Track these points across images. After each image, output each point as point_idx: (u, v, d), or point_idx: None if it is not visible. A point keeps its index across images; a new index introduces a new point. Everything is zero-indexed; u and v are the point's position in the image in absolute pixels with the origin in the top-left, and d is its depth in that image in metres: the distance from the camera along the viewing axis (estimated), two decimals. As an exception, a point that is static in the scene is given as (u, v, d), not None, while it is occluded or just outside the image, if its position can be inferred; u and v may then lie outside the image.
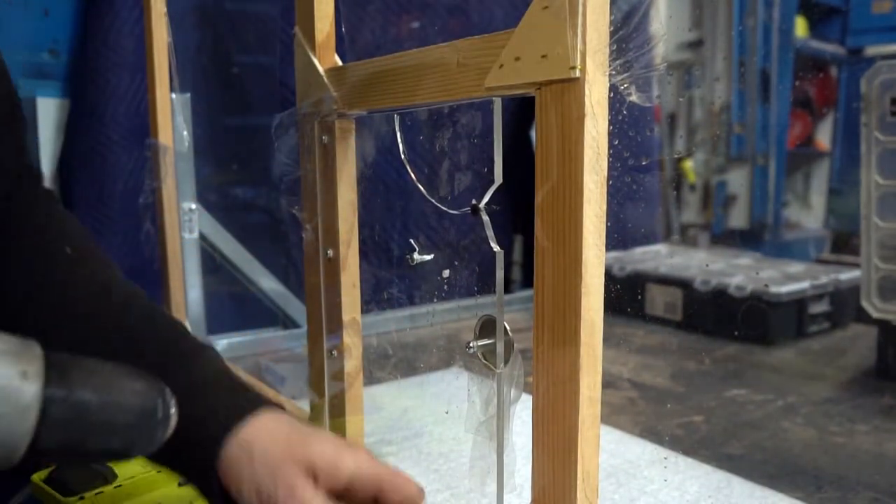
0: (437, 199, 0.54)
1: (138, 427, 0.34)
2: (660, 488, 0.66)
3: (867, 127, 0.99)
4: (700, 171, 2.71)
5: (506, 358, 0.46)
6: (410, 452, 0.74)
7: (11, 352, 0.30)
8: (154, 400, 0.34)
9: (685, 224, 2.64)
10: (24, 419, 0.29)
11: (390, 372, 0.97)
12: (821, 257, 2.13)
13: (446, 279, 0.54)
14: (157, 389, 0.35)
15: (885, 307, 1.00)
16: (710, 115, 2.64)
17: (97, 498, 0.58)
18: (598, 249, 0.38)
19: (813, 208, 3.15)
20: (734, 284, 1.28)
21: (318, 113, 0.59)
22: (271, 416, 0.46)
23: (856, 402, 0.94)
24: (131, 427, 0.33)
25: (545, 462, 0.41)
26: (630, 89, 0.40)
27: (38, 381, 0.30)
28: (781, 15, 2.72)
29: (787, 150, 2.88)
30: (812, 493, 0.68)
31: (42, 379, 0.30)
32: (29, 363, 0.30)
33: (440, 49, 0.46)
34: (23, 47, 1.30)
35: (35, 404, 0.29)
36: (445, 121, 0.56)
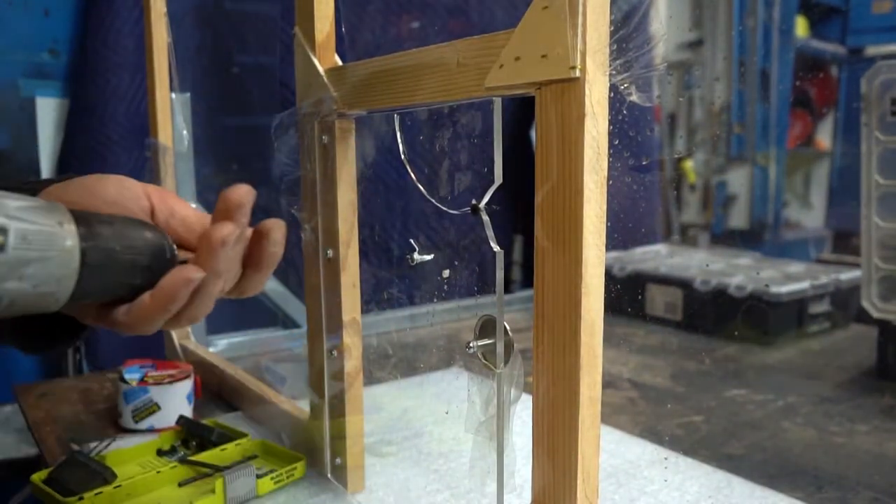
0: (437, 199, 0.54)
1: (152, 266, 0.38)
2: (660, 488, 0.66)
3: (867, 127, 0.99)
4: (700, 171, 2.71)
5: (506, 358, 0.46)
6: (410, 452, 0.74)
7: (44, 206, 0.33)
8: (162, 242, 0.39)
9: (685, 224, 2.64)
10: (70, 261, 0.33)
11: (390, 372, 0.97)
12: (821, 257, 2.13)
13: (446, 279, 0.54)
14: (162, 234, 0.39)
15: (885, 307, 1.00)
16: (710, 115, 2.64)
17: (97, 498, 0.58)
18: (598, 249, 0.38)
19: (813, 208, 3.15)
20: (734, 284, 1.28)
21: (318, 113, 0.59)
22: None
23: (856, 402, 0.94)
24: (147, 266, 0.38)
25: (545, 462, 0.41)
26: (630, 89, 0.40)
27: (74, 228, 0.33)
28: (781, 15, 2.72)
29: (787, 150, 2.88)
30: (812, 493, 0.68)
31: (76, 228, 0.34)
32: (62, 215, 0.33)
33: (440, 49, 0.46)
34: (23, 47, 1.30)
35: (76, 249, 0.33)
36: (445, 121, 0.56)
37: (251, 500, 0.63)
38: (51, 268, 0.32)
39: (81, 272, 0.34)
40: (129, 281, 0.37)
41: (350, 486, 0.64)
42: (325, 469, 0.66)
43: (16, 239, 0.31)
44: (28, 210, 0.32)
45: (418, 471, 0.69)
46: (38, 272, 0.32)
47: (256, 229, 0.43)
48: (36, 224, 0.32)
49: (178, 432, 0.73)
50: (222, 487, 0.60)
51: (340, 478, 0.65)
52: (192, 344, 1.00)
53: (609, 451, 0.74)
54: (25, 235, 0.31)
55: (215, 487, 0.60)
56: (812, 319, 1.28)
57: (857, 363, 1.13)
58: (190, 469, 0.64)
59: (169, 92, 0.96)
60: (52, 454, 0.74)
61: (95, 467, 0.62)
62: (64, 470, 0.61)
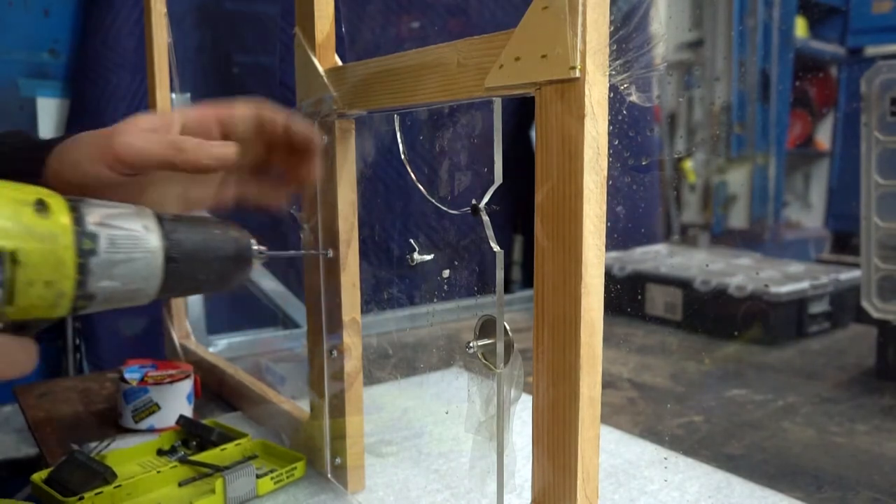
0: (437, 200, 0.54)
1: (237, 262, 0.42)
2: (660, 488, 0.66)
3: (867, 127, 0.99)
4: (700, 171, 2.71)
5: (506, 358, 0.46)
6: (410, 452, 0.74)
7: (131, 212, 0.37)
8: (247, 240, 0.43)
9: (685, 224, 2.64)
10: (155, 260, 0.37)
11: (390, 372, 0.97)
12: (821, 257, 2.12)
13: (446, 279, 0.54)
14: (245, 233, 0.44)
15: (885, 307, 1.00)
16: (710, 115, 2.64)
17: (97, 498, 0.58)
18: (598, 249, 0.38)
19: (813, 208, 3.15)
20: (734, 284, 1.27)
21: (318, 113, 0.59)
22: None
23: (856, 402, 0.94)
24: (231, 262, 0.42)
25: (545, 462, 0.41)
26: (630, 89, 0.40)
27: (158, 231, 0.38)
28: (781, 15, 2.72)
29: (787, 150, 2.88)
30: (812, 493, 0.68)
31: (159, 230, 0.38)
32: (147, 219, 0.38)
33: (440, 49, 0.46)
34: (23, 47, 1.30)
35: (160, 250, 0.37)
36: (445, 121, 0.57)
37: (251, 500, 0.63)
38: (138, 267, 0.36)
39: (166, 269, 0.38)
40: (214, 275, 0.41)
41: (350, 486, 0.64)
42: (325, 469, 0.66)
43: (105, 243, 0.35)
44: (116, 216, 0.36)
45: (418, 471, 0.69)
46: (126, 272, 0.36)
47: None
48: (123, 229, 0.36)
49: (178, 432, 0.73)
50: (222, 487, 0.60)
51: (340, 478, 0.65)
52: (192, 344, 1.00)
53: (609, 451, 0.74)
54: (114, 240, 0.35)
55: (215, 487, 0.60)
56: (812, 319, 1.28)
57: (857, 363, 1.13)
58: (190, 469, 0.64)
59: (169, 92, 0.96)
60: (52, 454, 0.74)
61: (95, 467, 0.62)
62: (64, 470, 0.61)
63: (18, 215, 0.32)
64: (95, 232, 0.35)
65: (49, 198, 0.34)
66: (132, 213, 0.37)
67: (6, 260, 0.31)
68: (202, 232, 0.40)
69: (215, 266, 0.41)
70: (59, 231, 0.33)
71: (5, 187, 0.33)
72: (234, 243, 0.42)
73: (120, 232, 0.36)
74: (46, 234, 0.32)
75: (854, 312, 1.31)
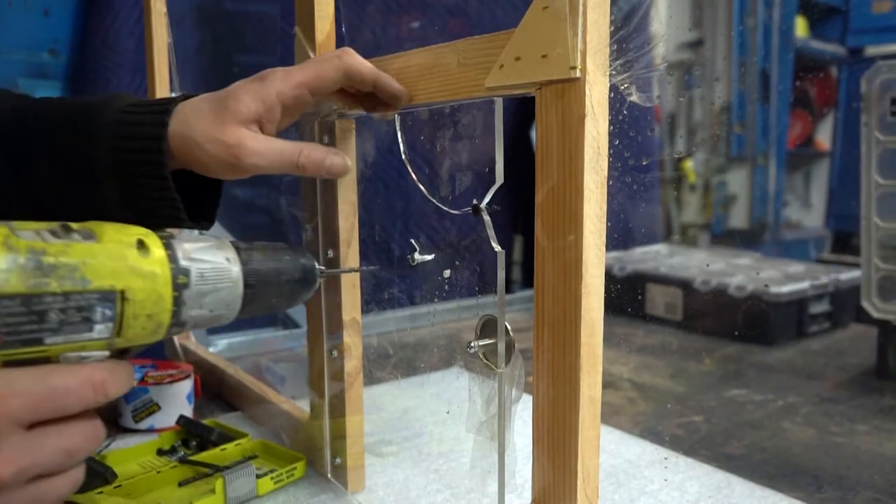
0: (438, 200, 0.54)
1: (304, 283, 0.47)
2: (660, 488, 0.66)
3: (867, 127, 0.99)
4: (700, 171, 2.71)
5: (507, 358, 0.46)
6: (410, 452, 0.74)
7: (214, 245, 0.41)
8: (311, 263, 0.48)
9: (685, 224, 2.64)
10: (237, 289, 0.41)
11: (390, 372, 0.97)
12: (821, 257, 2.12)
13: (447, 279, 0.54)
14: (310, 256, 0.48)
15: (885, 307, 1.00)
16: (710, 115, 2.64)
17: (97, 497, 0.58)
18: (598, 249, 0.38)
19: (813, 208, 3.15)
20: (734, 284, 1.28)
21: (318, 113, 0.59)
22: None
23: (856, 402, 0.94)
24: (300, 284, 0.47)
25: (545, 462, 0.41)
26: (630, 89, 0.40)
27: (238, 262, 0.42)
28: (781, 15, 2.72)
29: (787, 150, 2.88)
30: (812, 493, 0.68)
31: (238, 260, 0.42)
32: (228, 251, 0.42)
33: (440, 49, 0.46)
34: (23, 47, 1.30)
35: (240, 279, 0.42)
36: (446, 121, 0.56)
37: (251, 500, 0.63)
38: (223, 296, 0.41)
39: (245, 295, 0.42)
40: (284, 297, 0.46)
41: (350, 486, 0.64)
42: (326, 469, 0.66)
43: (196, 277, 0.39)
44: (203, 250, 0.40)
45: (418, 471, 0.69)
46: (213, 301, 0.40)
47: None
48: (210, 262, 0.40)
49: (178, 432, 0.73)
50: (222, 487, 0.60)
51: (340, 478, 0.65)
52: (192, 344, 1.00)
53: (609, 451, 0.74)
54: (203, 273, 0.39)
55: (215, 487, 0.60)
56: (812, 319, 1.28)
57: (857, 363, 1.13)
58: (190, 469, 0.64)
59: (169, 92, 0.96)
60: (52, 454, 0.74)
61: (95, 467, 0.62)
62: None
63: (125, 257, 0.35)
64: (188, 267, 0.39)
65: (147, 237, 0.38)
66: (215, 246, 0.41)
67: (117, 298, 0.34)
68: (274, 259, 0.45)
69: (286, 289, 0.45)
70: (158, 269, 0.37)
71: (111, 229, 0.36)
72: (301, 267, 0.47)
73: (207, 265, 0.40)
74: (148, 272, 0.36)
75: (854, 312, 1.31)
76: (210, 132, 0.48)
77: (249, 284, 0.42)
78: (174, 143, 0.48)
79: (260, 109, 0.49)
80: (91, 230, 0.36)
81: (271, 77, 0.50)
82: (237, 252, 0.43)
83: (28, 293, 0.31)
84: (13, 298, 0.31)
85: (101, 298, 0.34)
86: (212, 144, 0.48)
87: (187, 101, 0.50)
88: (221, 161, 0.48)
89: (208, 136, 0.48)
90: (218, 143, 0.48)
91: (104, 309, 0.34)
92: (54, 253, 0.32)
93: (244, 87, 0.50)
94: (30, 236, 0.33)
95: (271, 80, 0.49)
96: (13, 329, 0.31)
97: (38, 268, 0.32)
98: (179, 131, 0.48)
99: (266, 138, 0.49)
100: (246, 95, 0.49)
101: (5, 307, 0.30)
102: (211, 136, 0.48)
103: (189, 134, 0.48)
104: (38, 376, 0.32)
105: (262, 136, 0.49)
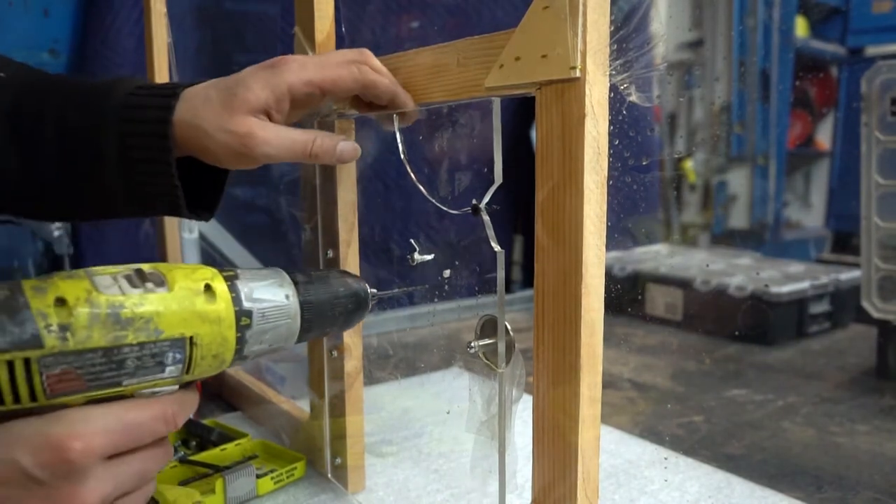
0: (438, 200, 0.54)
1: (357, 309, 0.49)
2: (660, 488, 0.66)
3: (867, 127, 0.99)
4: (700, 171, 2.71)
5: (507, 358, 0.46)
6: (410, 452, 0.74)
7: (275, 283, 0.43)
8: (363, 288, 0.49)
9: (685, 224, 2.64)
10: (295, 322, 0.43)
11: (390, 372, 0.97)
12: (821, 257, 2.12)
13: (447, 279, 0.54)
14: (362, 281, 0.50)
15: (885, 307, 1.00)
16: (710, 115, 2.64)
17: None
18: (598, 249, 0.38)
19: (813, 208, 3.14)
20: (734, 284, 1.28)
21: (317, 113, 0.59)
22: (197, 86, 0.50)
23: (856, 402, 0.94)
24: (352, 309, 0.48)
25: (545, 462, 0.41)
26: (630, 89, 0.40)
27: (296, 298, 0.44)
28: (781, 15, 2.72)
29: (787, 150, 2.88)
30: (812, 493, 0.68)
31: (296, 295, 0.44)
32: (287, 287, 0.44)
33: (440, 49, 0.46)
34: (23, 47, 1.30)
35: (297, 313, 0.44)
36: (445, 121, 0.56)
37: (251, 500, 0.63)
38: (281, 331, 0.43)
39: (302, 327, 0.44)
40: (338, 323, 0.48)
41: (350, 486, 0.64)
42: (326, 469, 0.66)
43: (258, 317, 0.41)
44: (264, 289, 0.42)
45: (418, 471, 0.69)
46: (273, 336, 0.43)
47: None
48: (270, 301, 0.42)
49: (179, 432, 0.73)
50: (222, 487, 0.60)
51: (341, 478, 0.65)
52: (193, 344, 1.00)
53: (609, 451, 0.74)
54: (264, 313, 0.42)
55: (215, 487, 0.60)
56: (812, 319, 1.28)
57: (857, 363, 1.13)
58: (190, 469, 0.64)
59: (169, 92, 0.96)
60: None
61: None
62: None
63: (193, 304, 0.38)
64: (250, 309, 0.41)
65: (213, 281, 0.40)
66: (276, 283, 0.43)
67: (186, 343, 0.37)
68: (330, 291, 0.47)
69: (340, 319, 0.48)
70: (223, 314, 0.39)
71: (180, 275, 0.38)
72: (355, 294, 0.49)
73: (268, 304, 0.42)
74: (214, 318, 0.38)
75: (854, 312, 1.31)
76: (219, 121, 0.47)
77: (306, 318, 0.44)
78: (180, 130, 0.48)
79: (269, 99, 0.48)
80: (162, 275, 0.38)
81: (284, 67, 0.49)
82: (296, 287, 0.44)
83: (108, 346, 0.34)
84: (95, 351, 0.34)
85: (172, 345, 0.37)
86: (221, 134, 0.47)
87: (194, 88, 0.49)
88: (231, 150, 0.47)
89: (217, 126, 0.47)
90: (227, 132, 0.47)
91: (175, 353, 0.37)
92: (130, 306, 0.35)
93: (254, 75, 0.49)
94: (108, 283, 0.36)
95: (283, 71, 0.48)
96: (95, 376, 0.34)
97: (117, 322, 0.34)
98: (186, 118, 0.48)
99: (276, 127, 0.49)
100: (256, 83, 0.48)
101: (88, 359, 0.34)
102: (219, 125, 0.47)
103: (196, 122, 0.47)
104: (116, 414, 0.36)
105: (272, 125, 0.48)
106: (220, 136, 0.47)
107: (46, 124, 0.49)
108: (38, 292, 0.33)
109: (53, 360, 0.33)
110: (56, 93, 0.51)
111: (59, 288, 0.34)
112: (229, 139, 0.47)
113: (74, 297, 0.33)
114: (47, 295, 0.33)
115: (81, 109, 0.49)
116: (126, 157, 0.48)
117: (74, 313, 0.33)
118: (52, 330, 0.32)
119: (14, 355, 0.32)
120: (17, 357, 0.32)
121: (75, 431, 0.34)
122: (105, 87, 0.50)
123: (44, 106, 0.50)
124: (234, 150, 0.47)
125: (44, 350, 0.32)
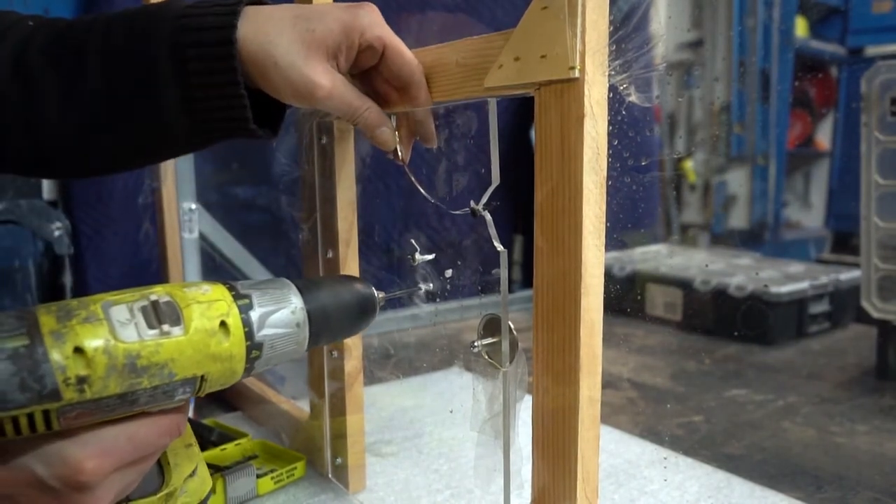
0: (438, 200, 0.54)
1: (364, 314, 0.48)
2: (660, 488, 0.66)
3: (867, 127, 0.99)
4: (700, 171, 2.71)
5: (511, 357, 0.46)
6: (410, 452, 0.74)
7: (283, 298, 0.43)
8: (370, 292, 0.49)
9: (685, 224, 2.64)
10: (303, 331, 0.43)
11: (391, 372, 0.97)
12: (821, 257, 2.12)
13: (448, 279, 0.54)
14: (368, 285, 0.49)
15: (885, 307, 1.00)
16: (710, 115, 2.64)
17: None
18: (597, 249, 0.38)
19: (813, 208, 3.14)
20: (734, 284, 1.28)
21: (316, 113, 0.59)
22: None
23: (856, 402, 0.94)
24: (360, 316, 0.48)
25: (545, 462, 0.41)
26: (629, 89, 0.40)
27: (304, 311, 0.43)
28: (781, 15, 2.72)
29: (787, 150, 2.88)
30: (812, 493, 0.68)
31: (304, 307, 0.43)
32: (299, 315, 0.43)
33: (440, 49, 0.46)
34: (23, 47, 1.30)
35: (305, 323, 0.43)
36: (444, 121, 0.56)
37: (251, 500, 0.63)
38: (289, 354, 0.44)
39: (309, 342, 0.44)
40: (345, 330, 0.48)
41: (351, 486, 0.64)
42: (326, 469, 0.66)
43: (268, 349, 0.42)
44: (276, 316, 0.42)
45: (419, 470, 0.69)
46: (279, 359, 0.43)
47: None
48: (282, 331, 0.42)
49: (179, 432, 0.73)
50: (222, 487, 0.60)
51: (341, 477, 0.65)
52: (193, 344, 1.00)
53: (609, 451, 0.74)
54: (274, 344, 0.42)
55: (215, 487, 0.60)
56: (812, 319, 1.28)
57: (857, 363, 1.13)
58: (190, 469, 0.64)
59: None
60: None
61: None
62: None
63: (207, 346, 0.38)
64: (261, 341, 0.41)
65: (229, 317, 0.40)
66: (288, 310, 0.43)
67: (197, 381, 0.39)
68: (336, 298, 0.46)
69: (347, 325, 0.48)
70: (235, 351, 0.40)
71: (196, 314, 0.38)
72: (361, 300, 0.48)
73: (279, 332, 0.42)
74: (226, 356, 0.39)
75: (854, 312, 1.31)
76: (292, 56, 0.45)
77: (314, 331, 0.44)
78: (246, 50, 0.45)
79: (343, 45, 0.46)
80: (178, 309, 0.38)
81: (364, 14, 0.47)
82: (304, 303, 0.44)
83: (123, 392, 0.36)
84: (110, 397, 0.35)
85: (184, 383, 0.38)
86: (292, 70, 0.45)
87: (261, 7, 0.47)
88: (295, 90, 0.46)
89: (290, 60, 0.45)
90: (299, 72, 0.45)
91: (185, 388, 0.38)
92: (147, 355, 0.36)
93: (333, 13, 0.47)
94: (124, 319, 0.36)
95: (363, 17, 0.47)
96: (108, 412, 0.36)
97: (133, 371, 0.36)
98: (254, 39, 0.45)
99: (343, 82, 0.47)
100: (336, 24, 0.46)
101: (104, 404, 0.35)
102: (292, 60, 0.45)
103: (268, 48, 0.45)
104: (127, 434, 0.37)
105: (339, 78, 0.47)
106: (291, 73, 0.45)
107: (92, 51, 0.47)
108: (57, 340, 0.34)
109: (70, 408, 0.34)
110: (100, 22, 0.48)
111: (78, 335, 0.34)
112: (298, 79, 0.45)
113: (93, 349, 0.34)
114: (66, 344, 0.34)
115: (129, 32, 0.47)
116: (184, 74, 0.46)
117: (93, 365, 0.34)
118: (71, 383, 0.34)
119: (34, 409, 0.33)
120: (36, 410, 0.33)
121: (88, 452, 0.35)
122: (154, 9, 0.47)
123: (88, 35, 0.48)
124: (297, 91, 0.46)
125: (62, 402, 0.34)
